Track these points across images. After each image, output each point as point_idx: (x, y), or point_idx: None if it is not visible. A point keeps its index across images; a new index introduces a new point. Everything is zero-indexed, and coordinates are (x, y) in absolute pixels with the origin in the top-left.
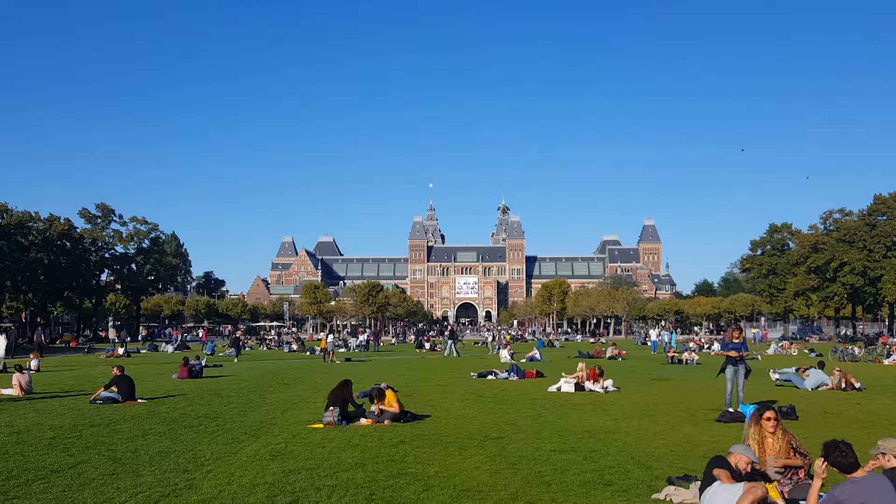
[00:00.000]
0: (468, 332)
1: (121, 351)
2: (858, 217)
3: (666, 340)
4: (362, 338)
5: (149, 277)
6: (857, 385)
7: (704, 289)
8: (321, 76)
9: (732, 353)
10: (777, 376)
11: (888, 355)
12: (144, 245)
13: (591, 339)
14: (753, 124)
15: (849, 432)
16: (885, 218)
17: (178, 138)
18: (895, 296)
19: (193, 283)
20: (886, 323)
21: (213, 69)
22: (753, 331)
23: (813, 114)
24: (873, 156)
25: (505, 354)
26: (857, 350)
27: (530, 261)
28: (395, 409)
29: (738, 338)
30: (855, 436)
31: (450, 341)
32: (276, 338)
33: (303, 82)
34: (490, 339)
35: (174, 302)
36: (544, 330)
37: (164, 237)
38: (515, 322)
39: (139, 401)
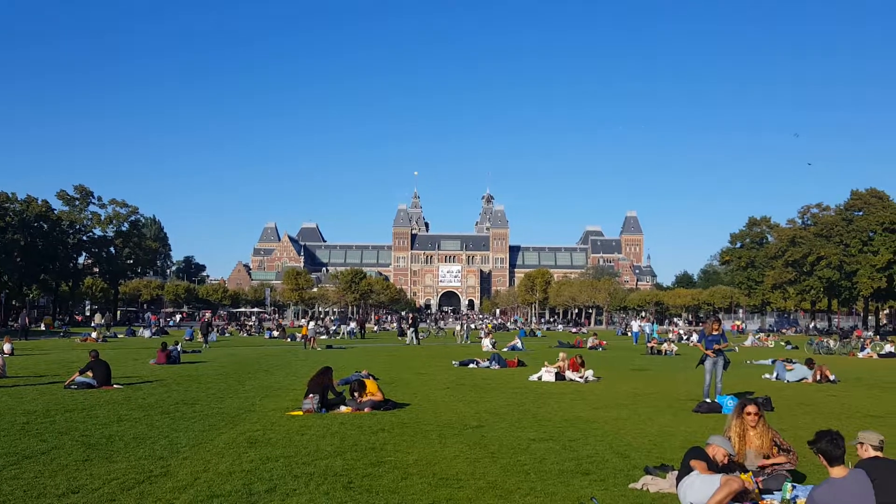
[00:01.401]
0: (451, 320)
1: (94, 335)
2: (836, 212)
3: (647, 331)
4: (353, 325)
5: (127, 261)
6: (832, 377)
7: (684, 280)
8: (306, 62)
9: (710, 353)
10: (766, 375)
11: (862, 348)
12: (124, 228)
13: (573, 329)
14: (736, 118)
15: (823, 424)
16: (861, 213)
17: (161, 122)
18: (870, 290)
19: (173, 268)
20: (861, 316)
21: (196, 53)
22: (737, 323)
23: (793, 108)
24: (851, 152)
25: (487, 343)
26: (832, 343)
27: (514, 250)
28: (378, 397)
29: (717, 330)
30: (829, 427)
31: (410, 330)
32: (256, 324)
33: (287, 68)
34: (458, 328)
35: (153, 286)
36: (527, 319)
37: (143, 220)
38: (498, 311)
39: (115, 386)
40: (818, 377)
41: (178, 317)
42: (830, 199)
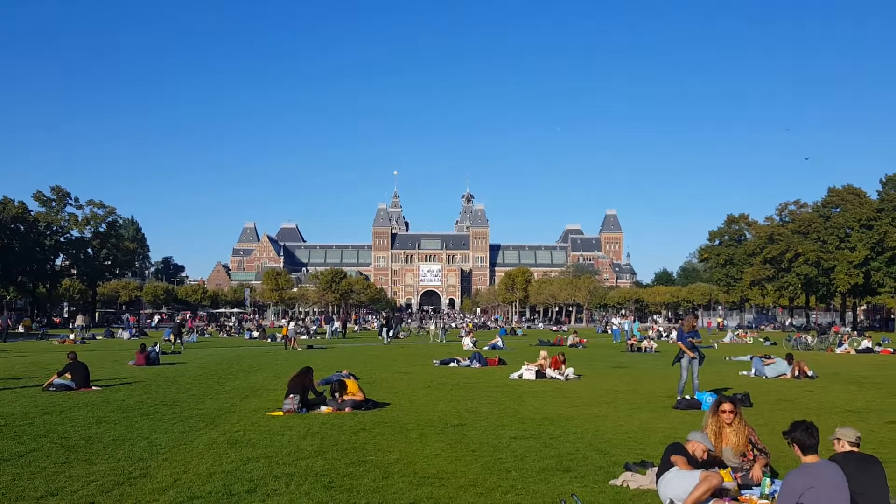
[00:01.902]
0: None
1: (73, 337)
2: (813, 209)
3: (627, 329)
4: (337, 324)
5: (105, 262)
6: (810, 373)
7: (664, 278)
8: (285, 61)
9: (691, 354)
10: (745, 372)
11: (840, 344)
12: (101, 229)
13: (554, 327)
14: (714, 115)
15: (801, 418)
16: (838, 210)
17: (138, 121)
18: (847, 286)
19: (152, 269)
20: (839, 312)
21: (174, 52)
22: (718, 320)
23: (771, 106)
24: (828, 149)
25: (467, 342)
26: (810, 339)
27: (494, 249)
28: (359, 396)
29: (695, 326)
30: None
31: (384, 329)
32: (236, 324)
33: (266, 67)
34: (433, 327)
35: (132, 288)
36: (507, 318)
37: (121, 221)
38: (479, 310)
39: (94, 388)
40: (796, 373)
41: (156, 318)
42: (808, 196)
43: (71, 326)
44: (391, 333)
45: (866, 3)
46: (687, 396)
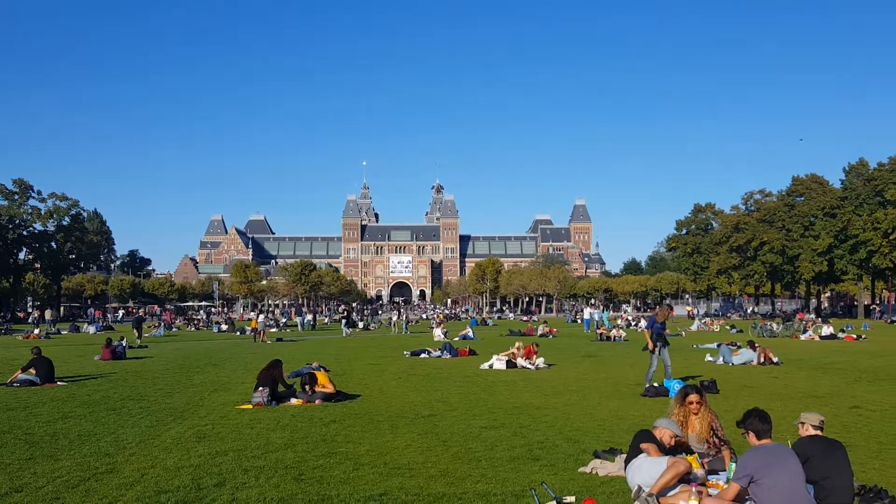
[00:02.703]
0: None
1: (37, 332)
2: (778, 198)
3: (596, 318)
4: (309, 317)
5: (70, 256)
6: (775, 359)
7: (632, 267)
8: (252, 54)
9: (651, 346)
10: (710, 357)
11: (804, 331)
12: (65, 222)
13: (524, 317)
14: (681, 106)
15: (767, 404)
16: (802, 198)
17: (102, 113)
18: (812, 274)
19: (118, 262)
20: (803, 300)
21: (140, 44)
22: (688, 309)
23: (737, 97)
24: (792, 137)
25: (438, 333)
26: (775, 326)
27: (464, 240)
28: (329, 388)
29: (668, 316)
30: (773, 408)
31: (343, 322)
32: (204, 318)
33: (234, 59)
34: (395, 317)
35: (97, 281)
36: (479, 308)
37: (85, 214)
38: (449, 300)
39: (59, 383)
40: (762, 359)
41: (120, 312)
42: (773, 185)
43: (32, 321)
44: (363, 325)
45: None
46: (655, 384)
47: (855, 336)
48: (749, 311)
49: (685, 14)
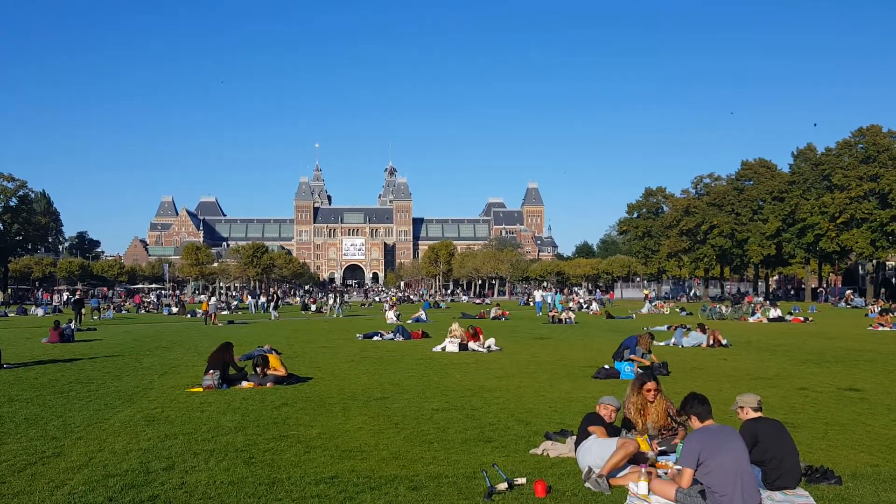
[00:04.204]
0: (354, 294)
1: None
2: (727, 182)
3: (549, 301)
4: (263, 299)
5: (16, 237)
6: (724, 342)
7: (584, 250)
8: (203, 34)
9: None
10: (661, 342)
11: (753, 314)
12: (12, 204)
13: (477, 300)
14: (632, 90)
15: (716, 386)
16: (751, 182)
17: (49, 92)
18: (760, 257)
19: (66, 244)
20: (752, 283)
21: (87, 22)
22: (646, 292)
23: (686, 81)
24: (742, 122)
25: (391, 315)
26: (724, 309)
27: (417, 223)
28: (281, 371)
29: (649, 344)
30: (722, 389)
31: (271, 305)
32: (154, 300)
33: (184, 39)
34: (330, 301)
35: (45, 263)
36: (433, 291)
37: (33, 195)
38: (403, 283)
39: (4, 366)
40: (711, 342)
41: (65, 295)
42: (722, 169)
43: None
44: (315, 308)
45: None
46: (606, 366)
47: (802, 319)
48: (691, 293)
49: None
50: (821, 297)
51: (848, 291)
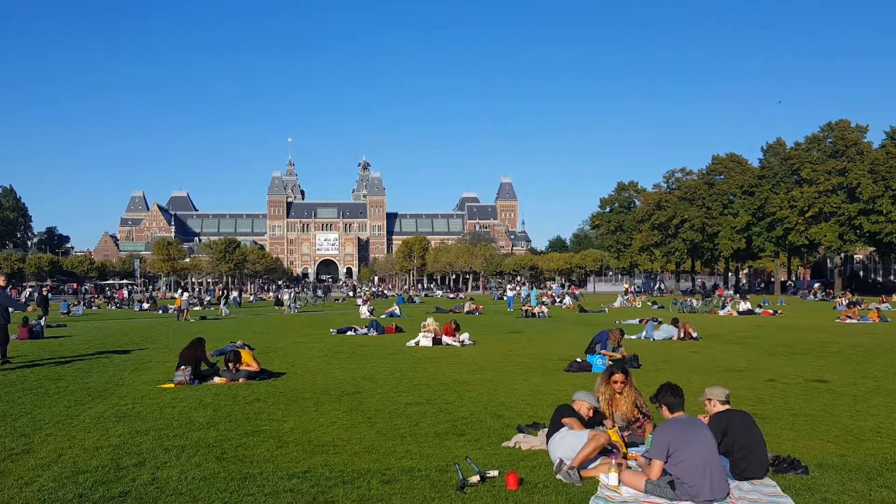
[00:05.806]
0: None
1: None
2: (698, 176)
3: (523, 296)
4: (235, 294)
5: None
6: (695, 335)
7: (558, 245)
8: (175, 28)
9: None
10: (632, 336)
11: (723, 307)
12: None
13: (451, 295)
14: (604, 85)
15: (686, 378)
16: (722, 177)
17: (15, 86)
18: (730, 251)
19: (35, 240)
20: (722, 276)
21: (58, 17)
22: (626, 286)
23: (659, 77)
24: (713, 117)
25: (364, 310)
26: (695, 302)
27: (391, 217)
28: (253, 367)
29: (619, 339)
30: (692, 381)
31: (223, 301)
32: (126, 296)
33: (156, 33)
34: (286, 297)
35: (14, 259)
36: (407, 286)
37: (0, 190)
38: (376, 278)
39: None
40: (682, 335)
41: (27, 291)
42: (694, 163)
43: None
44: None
45: None
46: (578, 359)
47: (771, 311)
48: (657, 287)
49: None
50: (790, 290)
51: (816, 284)
